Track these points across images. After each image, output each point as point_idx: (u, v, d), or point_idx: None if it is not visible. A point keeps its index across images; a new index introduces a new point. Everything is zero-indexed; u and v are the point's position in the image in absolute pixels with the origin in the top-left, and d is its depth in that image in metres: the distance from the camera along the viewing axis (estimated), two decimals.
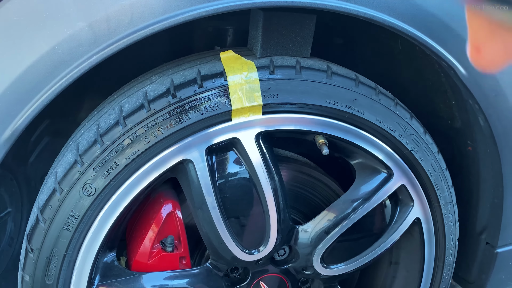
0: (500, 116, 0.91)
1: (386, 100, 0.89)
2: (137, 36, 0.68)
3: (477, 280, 1.12)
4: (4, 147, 0.69)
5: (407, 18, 0.78)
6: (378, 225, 1.04)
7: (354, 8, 0.74)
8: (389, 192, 0.94)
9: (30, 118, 0.69)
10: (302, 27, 0.84)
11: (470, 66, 0.85)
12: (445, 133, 1.06)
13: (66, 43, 0.66)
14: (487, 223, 1.06)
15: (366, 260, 1.00)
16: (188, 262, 0.96)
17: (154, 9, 0.68)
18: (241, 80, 0.78)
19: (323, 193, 1.08)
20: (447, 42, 0.82)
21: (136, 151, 0.76)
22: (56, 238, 0.77)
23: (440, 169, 0.97)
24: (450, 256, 1.07)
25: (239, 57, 0.81)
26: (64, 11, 0.65)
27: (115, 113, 0.78)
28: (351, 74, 0.88)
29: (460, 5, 0.81)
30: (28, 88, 0.67)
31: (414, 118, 0.94)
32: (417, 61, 1.03)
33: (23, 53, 0.66)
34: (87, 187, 0.75)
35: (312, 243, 0.96)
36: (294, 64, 0.83)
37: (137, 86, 0.83)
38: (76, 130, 0.88)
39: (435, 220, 1.01)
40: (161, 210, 0.92)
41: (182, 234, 0.94)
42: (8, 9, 0.64)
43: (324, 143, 0.86)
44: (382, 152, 0.90)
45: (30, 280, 0.80)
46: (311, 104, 0.82)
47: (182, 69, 0.82)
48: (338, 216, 0.94)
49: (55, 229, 0.76)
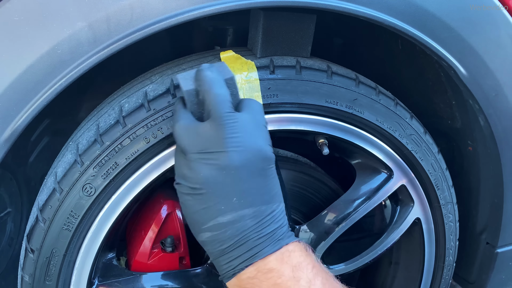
0: (500, 116, 0.91)
1: (386, 100, 0.89)
2: (137, 36, 0.68)
3: (477, 280, 1.12)
4: (4, 147, 0.69)
5: (407, 18, 0.78)
6: (378, 225, 1.04)
7: (354, 8, 0.74)
8: (389, 192, 0.94)
9: (30, 118, 0.69)
10: (302, 27, 0.84)
11: (470, 66, 0.85)
12: (445, 133, 1.06)
13: (66, 43, 0.66)
14: (487, 223, 1.06)
15: (366, 260, 1.00)
16: (188, 262, 0.96)
17: (154, 9, 0.68)
18: (241, 80, 0.78)
19: (323, 193, 1.08)
20: (447, 42, 0.82)
21: (136, 151, 0.76)
22: (56, 238, 0.77)
23: (440, 169, 0.97)
24: (450, 256, 1.07)
25: (239, 57, 0.81)
26: (64, 11, 0.65)
27: (115, 113, 0.78)
28: (351, 74, 0.88)
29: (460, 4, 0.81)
30: (28, 88, 0.67)
31: (414, 118, 0.94)
32: (417, 61, 1.03)
33: (23, 53, 0.66)
34: (87, 187, 0.75)
35: (312, 243, 0.96)
36: (294, 64, 0.83)
37: (137, 86, 0.83)
38: (76, 130, 0.88)
39: (435, 220, 1.01)
40: (161, 210, 0.92)
41: (182, 234, 0.94)
42: (8, 9, 0.64)
43: (324, 143, 0.86)
44: (382, 152, 0.90)
45: (30, 280, 0.80)
46: (311, 104, 0.82)
47: (182, 69, 0.82)
48: (338, 216, 0.94)
49: (55, 229, 0.76)
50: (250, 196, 0.62)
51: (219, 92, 0.64)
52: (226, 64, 0.71)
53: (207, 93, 0.64)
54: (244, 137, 0.62)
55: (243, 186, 0.62)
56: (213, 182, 0.61)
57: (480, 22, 0.83)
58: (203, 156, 0.62)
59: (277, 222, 0.64)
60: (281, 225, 0.64)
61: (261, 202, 0.63)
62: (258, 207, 0.62)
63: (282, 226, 0.64)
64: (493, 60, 0.86)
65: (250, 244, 0.61)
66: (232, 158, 0.61)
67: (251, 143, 0.63)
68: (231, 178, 0.61)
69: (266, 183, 0.64)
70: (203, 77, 0.65)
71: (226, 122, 0.61)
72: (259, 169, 0.63)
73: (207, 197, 0.62)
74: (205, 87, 0.64)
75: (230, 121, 0.62)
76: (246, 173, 0.62)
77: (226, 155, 0.61)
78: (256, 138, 0.64)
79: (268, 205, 0.63)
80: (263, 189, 0.64)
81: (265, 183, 0.64)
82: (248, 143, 0.62)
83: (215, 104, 0.63)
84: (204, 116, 0.66)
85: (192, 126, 0.64)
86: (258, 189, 0.63)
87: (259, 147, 0.63)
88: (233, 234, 0.61)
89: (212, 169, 0.61)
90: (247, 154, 0.62)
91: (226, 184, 0.61)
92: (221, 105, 0.63)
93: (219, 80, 0.66)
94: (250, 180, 0.62)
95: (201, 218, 0.63)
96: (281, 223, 0.64)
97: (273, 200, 0.64)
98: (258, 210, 0.62)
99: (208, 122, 0.63)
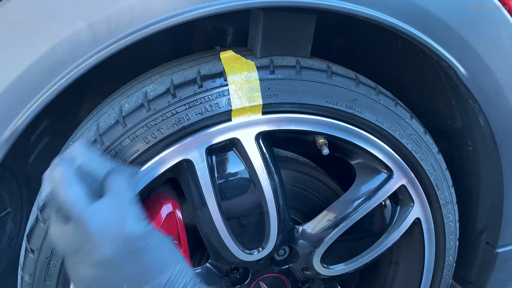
0: (500, 116, 0.91)
1: (386, 100, 0.89)
2: (137, 36, 0.68)
3: (477, 280, 1.12)
4: (4, 147, 0.69)
5: (407, 18, 0.78)
6: (378, 225, 1.04)
7: (354, 8, 0.74)
8: (389, 192, 0.94)
9: (30, 118, 0.69)
10: (302, 27, 0.84)
11: (470, 66, 0.85)
12: (445, 133, 1.06)
13: (66, 43, 0.66)
14: (487, 223, 1.06)
15: (366, 260, 1.00)
16: (188, 262, 0.96)
17: (154, 9, 0.68)
18: (241, 80, 0.78)
19: (323, 193, 1.08)
20: (447, 42, 0.82)
21: (136, 151, 0.76)
22: None
23: (440, 169, 0.97)
24: (450, 256, 1.07)
25: (239, 57, 0.81)
26: (64, 11, 0.65)
27: (115, 113, 0.78)
28: (351, 74, 0.88)
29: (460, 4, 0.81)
30: (28, 88, 0.67)
31: (414, 118, 0.94)
32: (417, 61, 1.03)
33: (23, 53, 0.66)
34: None
35: (312, 243, 0.96)
36: (294, 64, 0.83)
37: (137, 86, 0.83)
38: (76, 130, 0.88)
39: (435, 220, 1.01)
40: (161, 210, 0.92)
41: (182, 234, 0.94)
42: (8, 9, 0.64)
43: (324, 143, 0.86)
44: (382, 152, 0.90)
45: (30, 280, 0.80)
46: (311, 104, 0.82)
47: (182, 69, 0.82)
48: (338, 216, 0.94)
49: None
50: (138, 277, 0.62)
51: (68, 194, 0.61)
52: (80, 145, 0.68)
53: (58, 198, 0.62)
54: (109, 225, 0.61)
55: (127, 272, 0.62)
56: (98, 278, 0.62)
57: (480, 22, 0.83)
58: (80, 257, 0.62)
59: (178, 285, 0.64)
60: (185, 284, 0.64)
61: (152, 277, 0.63)
62: (152, 282, 0.62)
63: (187, 285, 0.65)
64: (493, 60, 0.86)
65: None
66: (104, 253, 0.61)
67: (117, 229, 0.62)
68: (111, 269, 0.62)
69: (148, 259, 0.63)
70: (50, 182, 0.63)
71: (85, 219, 0.60)
72: (135, 250, 0.63)
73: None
74: (54, 193, 0.62)
75: (89, 216, 0.61)
76: (123, 260, 0.62)
77: (98, 251, 0.60)
78: (121, 221, 0.63)
79: (161, 276, 0.63)
80: (148, 265, 0.63)
81: (147, 260, 0.63)
82: (114, 231, 0.62)
83: (70, 205, 0.61)
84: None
85: (62, 230, 0.63)
86: (143, 268, 0.63)
87: (126, 231, 0.62)
88: None
89: (91, 268, 0.61)
90: (117, 241, 0.61)
91: (110, 276, 0.62)
92: (75, 205, 0.61)
93: (66, 177, 0.62)
94: (131, 263, 0.62)
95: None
96: (185, 282, 0.64)
97: (164, 269, 0.64)
98: (153, 285, 0.62)
99: (72, 223, 0.62)
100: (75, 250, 0.62)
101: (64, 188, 0.62)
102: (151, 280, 0.63)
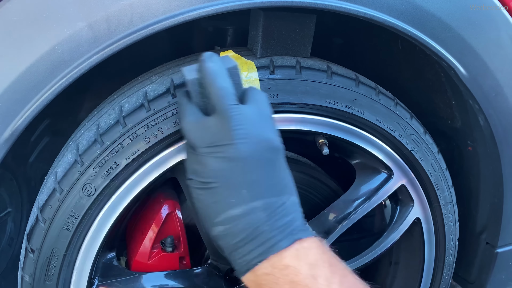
0: (500, 116, 0.91)
1: (386, 100, 0.89)
2: (137, 36, 0.68)
3: (477, 280, 1.12)
4: (4, 147, 0.69)
5: (407, 18, 0.78)
6: (378, 225, 1.04)
7: (354, 8, 0.74)
8: (389, 192, 0.94)
9: (30, 118, 0.69)
10: (302, 27, 0.84)
11: (470, 66, 0.85)
12: (445, 133, 1.06)
13: (66, 43, 0.66)
14: (487, 223, 1.06)
15: (366, 260, 1.00)
16: (188, 262, 0.96)
17: (154, 9, 0.68)
18: (241, 80, 0.78)
19: (323, 193, 1.08)
20: (447, 42, 0.82)
21: (136, 151, 0.76)
22: (56, 238, 0.77)
23: (440, 169, 0.97)
24: (450, 256, 1.07)
25: (239, 57, 0.81)
26: (64, 11, 0.65)
27: (115, 113, 0.78)
28: (351, 74, 0.88)
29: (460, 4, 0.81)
30: (28, 88, 0.67)
31: (414, 118, 0.94)
32: (417, 61, 1.03)
33: (23, 53, 0.66)
34: (87, 187, 0.75)
35: None
36: (294, 64, 0.83)
37: (137, 86, 0.83)
38: (76, 130, 0.88)
39: (435, 220, 1.01)
40: (161, 210, 0.92)
41: (182, 234, 0.94)
42: (8, 9, 0.64)
43: (324, 143, 0.86)
44: (382, 152, 0.90)
45: (30, 280, 0.80)
46: (311, 104, 0.82)
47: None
48: (338, 216, 0.94)
49: (55, 229, 0.76)
50: (259, 187, 0.62)
51: (222, 85, 0.64)
52: (229, 56, 0.71)
53: (210, 86, 0.64)
54: (250, 128, 0.63)
55: (252, 177, 0.62)
56: (223, 175, 0.62)
57: (480, 22, 0.83)
58: (212, 150, 0.62)
59: (288, 215, 0.63)
60: (293, 218, 0.63)
61: (270, 194, 0.63)
62: (267, 199, 0.62)
63: (295, 220, 0.63)
64: (493, 60, 0.86)
65: (263, 238, 0.61)
66: (240, 149, 0.61)
67: (257, 133, 0.63)
68: (239, 169, 0.62)
69: (274, 174, 0.64)
70: (205, 69, 0.65)
71: (231, 115, 0.62)
72: (267, 159, 0.64)
73: (218, 191, 0.62)
74: (208, 80, 0.65)
75: (235, 113, 0.62)
76: (254, 164, 0.62)
77: (234, 147, 0.61)
78: (262, 128, 0.64)
79: (278, 197, 0.63)
80: (271, 180, 0.64)
81: (273, 174, 0.64)
82: (255, 134, 0.63)
83: (219, 97, 0.63)
84: (209, 108, 0.66)
85: (199, 121, 0.65)
86: (267, 180, 0.63)
87: (266, 137, 0.64)
88: (244, 227, 0.61)
89: (221, 161, 0.62)
90: (254, 145, 0.62)
91: (235, 176, 0.62)
92: (225, 98, 0.63)
93: (221, 71, 0.66)
94: (259, 170, 0.63)
95: (213, 212, 0.63)
96: (293, 216, 0.63)
97: (282, 192, 0.64)
98: (268, 202, 0.62)
99: (213, 116, 0.64)
100: (209, 143, 0.62)
101: (218, 80, 0.64)
102: (267, 196, 0.62)
